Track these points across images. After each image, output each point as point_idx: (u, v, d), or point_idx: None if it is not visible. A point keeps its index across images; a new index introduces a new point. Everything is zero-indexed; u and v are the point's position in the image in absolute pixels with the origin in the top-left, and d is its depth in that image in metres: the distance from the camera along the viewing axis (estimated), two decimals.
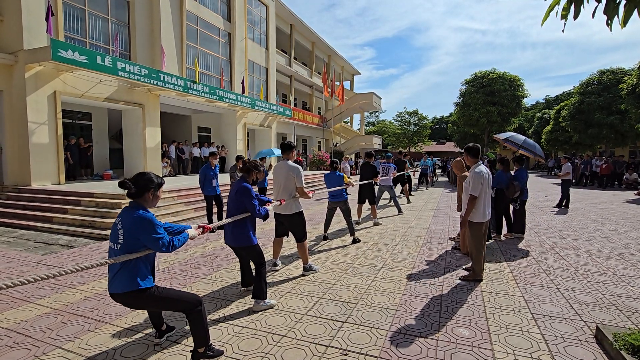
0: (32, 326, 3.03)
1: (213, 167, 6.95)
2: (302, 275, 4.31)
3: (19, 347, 2.69)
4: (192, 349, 2.50)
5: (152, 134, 12.34)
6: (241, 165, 3.63)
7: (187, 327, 2.78)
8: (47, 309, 3.36)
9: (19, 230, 6.93)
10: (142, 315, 3.19)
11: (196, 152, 15.67)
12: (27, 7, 8.78)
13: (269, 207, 3.58)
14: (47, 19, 8.63)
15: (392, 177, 8.75)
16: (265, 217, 3.42)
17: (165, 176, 13.37)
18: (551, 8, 2.60)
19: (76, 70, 9.31)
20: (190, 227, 2.63)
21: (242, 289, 3.82)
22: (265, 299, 3.38)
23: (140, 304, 2.35)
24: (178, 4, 13.39)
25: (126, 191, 2.29)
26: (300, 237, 4.28)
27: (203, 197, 8.51)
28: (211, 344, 2.55)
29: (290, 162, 4.19)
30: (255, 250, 3.41)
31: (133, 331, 2.91)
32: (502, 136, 7.81)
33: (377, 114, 63.04)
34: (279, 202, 3.99)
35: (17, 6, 8.71)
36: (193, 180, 11.75)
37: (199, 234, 2.65)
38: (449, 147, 50.11)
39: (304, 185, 4.17)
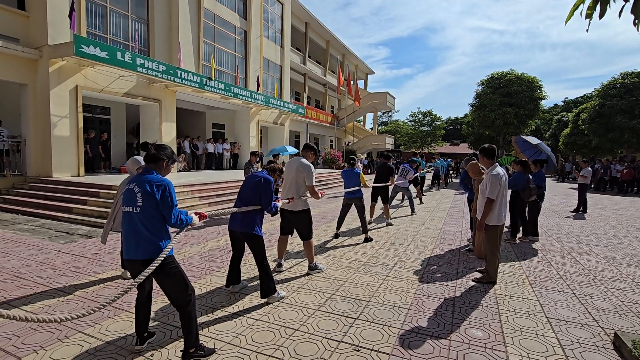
0: (54, 311, 3.14)
1: (253, 164, 7.82)
2: (307, 274, 4.26)
3: (42, 330, 2.80)
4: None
5: (168, 129, 12.58)
6: (261, 162, 3.70)
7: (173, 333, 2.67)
8: (69, 295, 3.48)
9: (40, 219, 7.17)
10: (159, 304, 3.27)
11: (210, 148, 15.88)
12: (52, 3, 9.05)
13: (279, 204, 3.61)
14: (70, 16, 8.88)
15: (408, 180, 8.76)
16: (274, 213, 3.45)
17: (180, 171, 13.60)
18: (576, 7, 2.55)
19: (97, 66, 9.54)
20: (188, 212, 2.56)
21: (227, 289, 3.65)
22: (275, 293, 3.43)
23: (160, 272, 2.30)
24: (196, 1, 13.57)
25: (144, 153, 2.36)
26: (306, 236, 4.21)
27: (216, 193, 8.78)
28: (201, 343, 2.51)
29: (303, 159, 4.16)
30: (259, 242, 3.41)
31: (150, 319, 2.98)
32: (533, 141, 7.60)
33: (390, 113, 62.61)
34: (287, 201, 3.96)
35: (42, 3, 8.98)
36: (207, 175, 11.94)
37: (198, 220, 2.59)
38: (463, 148, 49.43)
39: (314, 184, 4.11)
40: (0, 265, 4.33)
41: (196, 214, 2.62)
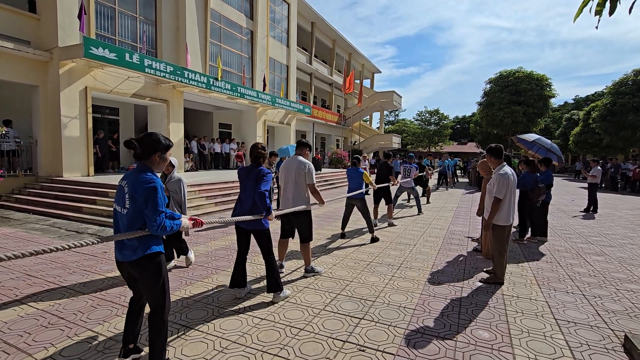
0: (64, 309, 3.20)
1: (273, 164, 8.24)
2: (304, 277, 4.18)
3: (53, 328, 2.86)
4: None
5: (176, 130, 12.69)
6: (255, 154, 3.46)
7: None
8: (79, 294, 3.54)
9: (51, 218, 7.29)
10: None
11: (217, 148, 15.98)
12: (62, 6, 9.19)
13: (270, 220, 3.39)
14: (80, 18, 9.00)
15: (413, 178, 8.71)
16: (266, 208, 3.23)
17: (188, 171, 13.72)
18: (585, 4, 2.50)
19: (106, 67, 9.66)
20: (181, 217, 2.35)
21: (231, 290, 3.54)
22: (281, 291, 3.44)
23: (144, 273, 2.16)
24: (203, 3, 13.66)
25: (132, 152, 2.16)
26: (305, 238, 4.15)
27: (223, 192, 8.88)
28: (168, 358, 2.39)
29: (301, 158, 4.11)
30: (265, 235, 3.43)
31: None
32: (530, 137, 7.55)
33: (396, 112, 62.29)
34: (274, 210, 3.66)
35: (52, 5, 9.12)
36: (214, 175, 12.02)
37: (191, 226, 2.37)
38: (470, 147, 48.94)
39: (315, 183, 4.05)
40: (12, 263, 4.42)
41: (191, 219, 2.38)
